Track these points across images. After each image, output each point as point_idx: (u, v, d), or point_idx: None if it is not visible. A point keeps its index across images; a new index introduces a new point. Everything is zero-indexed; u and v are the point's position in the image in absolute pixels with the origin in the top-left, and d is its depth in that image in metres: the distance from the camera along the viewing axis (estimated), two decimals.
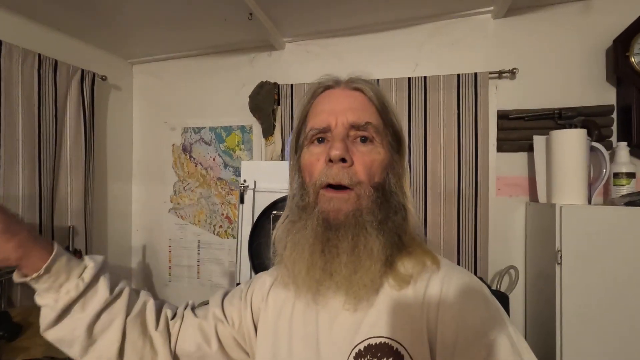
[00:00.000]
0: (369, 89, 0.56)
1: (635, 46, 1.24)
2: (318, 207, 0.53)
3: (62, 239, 1.51)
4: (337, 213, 0.52)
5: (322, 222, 0.52)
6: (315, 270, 0.52)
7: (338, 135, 0.53)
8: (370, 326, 0.50)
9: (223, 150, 1.84)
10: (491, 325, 0.46)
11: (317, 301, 0.55)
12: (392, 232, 0.53)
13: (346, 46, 1.64)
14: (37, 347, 1.08)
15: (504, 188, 1.46)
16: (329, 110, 0.55)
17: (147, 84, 1.99)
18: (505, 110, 1.43)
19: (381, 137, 0.55)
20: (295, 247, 0.54)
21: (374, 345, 0.49)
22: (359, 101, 0.55)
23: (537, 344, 1.29)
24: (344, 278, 0.51)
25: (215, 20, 1.50)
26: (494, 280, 1.43)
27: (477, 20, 1.48)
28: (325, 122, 0.54)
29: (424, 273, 0.52)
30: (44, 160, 1.46)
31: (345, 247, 0.51)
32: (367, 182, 0.52)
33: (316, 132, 0.55)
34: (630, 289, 1.03)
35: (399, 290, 0.51)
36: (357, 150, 0.53)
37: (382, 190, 0.54)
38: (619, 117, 1.33)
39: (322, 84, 0.59)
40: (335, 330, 0.53)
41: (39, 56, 1.43)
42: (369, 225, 0.51)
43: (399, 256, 0.54)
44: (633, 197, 1.11)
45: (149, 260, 1.96)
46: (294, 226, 0.56)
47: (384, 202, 0.53)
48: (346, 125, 0.53)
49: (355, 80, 0.57)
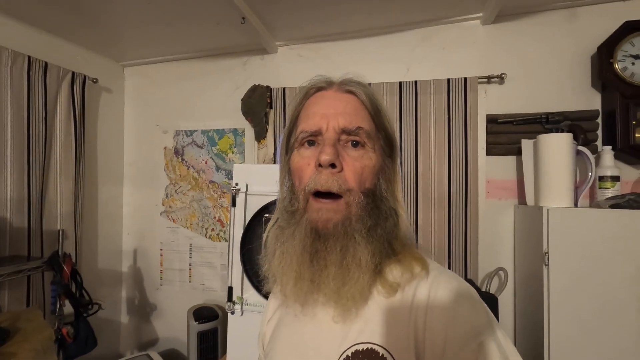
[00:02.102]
0: (362, 92, 0.55)
1: (618, 53, 1.27)
2: (307, 216, 0.52)
3: (51, 242, 1.49)
4: (326, 223, 0.51)
5: (310, 232, 0.51)
6: (303, 282, 0.52)
7: (329, 139, 0.51)
8: (357, 333, 0.50)
9: (215, 153, 1.84)
10: (479, 329, 0.46)
11: (305, 312, 0.55)
12: (382, 239, 0.52)
13: (338, 50, 1.66)
14: (25, 352, 1.06)
15: (494, 191, 1.48)
16: (320, 113, 0.53)
17: (138, 87, 1.98)
18: (494, 115, 1.46)
19: (373, 142, 0.53)
20: (284, 256, 0.53)
21: (360, 351, 0.49)
22: (352, 105, 0.54)
23: (526, 344, 1.31)
24: (332, 291, 0.50)
25: (208, 23, 1.50)
26: (483, 282, 1.45)
27: (466, 26, 1.51)
28: (316, 125, 0.53)
29: (412, 280, 0.51)
30: (34, 163, 1.44)
31: (334, 259, 0.50)
32: (357, 189, 0.51)
33: (307, 135, 0.54)
34: (616, 289, 1.05)
35: (387, 297, 0.51)
36: (348, 155, 0.52)
37: (373, 196, 0.53)
38: (603, 121, 1.36)
39: (315, 85, 0.57)
40: (323, 339, 0.53)
41: (29, 58, 1.42)
42: (358, 234, 0.50)
43: (388, 262, 0.53)
44: (617, 199, 1.14)
45: (140, 264, 1.95)
46: (283, 233, 0.55)
47: (374, 208, 0.52)
48: (337, 130, 0.52)
49: (348, 82, 0.56)
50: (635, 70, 1.26)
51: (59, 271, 1.27)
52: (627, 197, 1.12)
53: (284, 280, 0.54)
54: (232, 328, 1.22)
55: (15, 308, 1.34)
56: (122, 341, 1.95)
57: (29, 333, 1.13)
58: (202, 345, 1.55)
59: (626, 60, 1.27)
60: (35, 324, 1.19)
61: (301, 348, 0.54)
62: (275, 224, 0.58)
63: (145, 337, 1.93)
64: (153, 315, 1.92)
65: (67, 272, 1.27)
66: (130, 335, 1.94)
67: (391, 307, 0.50)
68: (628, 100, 1.27)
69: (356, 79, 0.57)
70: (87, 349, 1.32)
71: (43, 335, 1.14)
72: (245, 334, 1.19)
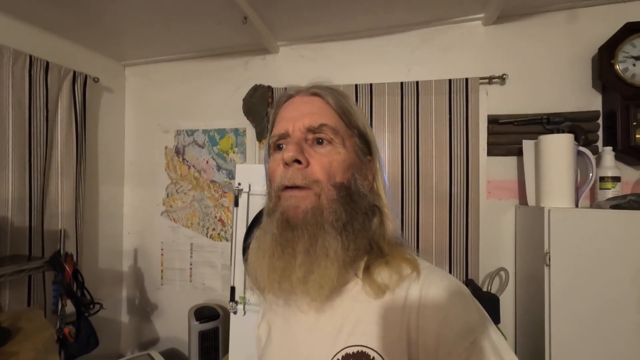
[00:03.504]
0: (327, 93, 0.57)
1: (619, 54, 1.28)
2: (279, 209, 0.53)
3: (52, 242, 1.49)
4: (296, 210, 0.51)
5: (281, 223, 0.52)
6: (275, 273, 0.52)
7: (294, 139, 0.54)
8: (348, 335, 0.50)
9: (216, 153, 1.84)
10: (471, 327, 0.46)
11: (287, 306, 0.56)
12: (362, 236, 0.52)
13: (339, 50, 1.66)
14: (27, 352, 1.06)
15: (494, 191, 1.49)
16: (287, 117, 0.56)
17: (139, 86, 1.98)
18: (495, 115, 1.46)
19: (342, 138, 0.54)
20: (257, 252, 0.55)
21: (351, 354, 0.49)
22: (316, 106, 0.56)
23: (527, 343, 1.31)
24: (299, 280, 0.51)
25: (210, 23, 1.50)
26: (484, 282, 1.45)
27: (468, 27, 1.52)
28: (283, 128, 0.55)
29: (402, 281, 0.51)
30: (35, 163, 1.44)
31: (301, 247, 0.50)
32: (326, 181, 0.52)
33: (277, 139, 0.56)
34: (617, 289, 1.06)
35: (377, 299, 0.51)
36: (315, 152, 0.53)
37: (347, 190, 0.53)
38: (604, 122, 1.37)
39: (285, 94, 0.60)
40: (312, 341, 0.53)
41: (30, 57, 1.42)
42: (329, 225, 0.50)
43: (377, 264, 0.53)
44: (618, 200, 1.15)
45: (140, 263, 1.95)
46: (260, 232, 0.56)
47: (350, 202, 0.53)
48: (302, 130, 0.54)
49: (314, 86, 0.58)
50: (636, 72, 1.27)
51: (61, 271, 1.27)
52: (628, 198, 1.13)
53: (258, 274, 0.54)
54: (234, 328, 1.22)
55: (16, 308, 1.34)
56: (123, 341, 1.95)
57: (31, 333, 1.12)
58: (203, 345, 1.55)
59: (627, 61, 1.28)
60: (37, 324, 1.18)
61: (293, 352, 0.55)
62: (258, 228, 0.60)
63: (145, 337, 1.92)
64: (153, 314, 1.92)
65: (68, 272, 1.27)
66: (131, 335, 1.94)
67: (382, 309, 0.50)
68: (628, 102, 1.27)
69: (323, 84, 0.59)
70: (89, 349, 1.32)
71: (44, 335, 1.14)
72: (248, 334, 1.19)
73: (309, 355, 0.52)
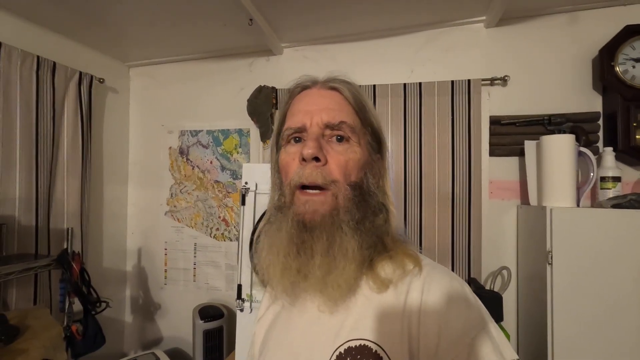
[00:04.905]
0: (346, 88, 0.56)
1: (619, 56, 1.30)
2: (293, 209, 0.52)
3: (58, 241, 1.50)
4: (313, 215, 0.51)
5: (297, 224, 0.51)
6: (290, 273, 0.52)
7: (312, 134, 0.52)
8: (350, 329, 0.50)
9: (220, 153, 1.86)
10: (472, 325, 0.46)
11: (294, 304, 0.56)
12: (371, 233, 0.52)
13: (343, 52, 1.68)
14: (35, 350, 1.07)
15: (497, 191, 1.50)
16: (304, 110, 0.55)
17: (144, 87, 2.00)
18: (497, 116, 1.48)
19: (358, 137, 0.54)
20: (270, 249, 0.54)
21: (354, 347, 0.48)
22: (335, 101, 0.55)
23: (529, 342, 1.32)
24: (318, 279, 0.50)
25: (214, 24, 1.52)
26: (487, 280, 1.47)
27: (470, 29, 1.54)
28: (300, 122, 0.54)
29: (405, 276, 0.51)
30: (41, 162, 1.45)
31: (320, 248, 0.50)
32: (343, 181, 0.52)
33: (292, 132, 0.55)
34: (619, 287, 1.07)
35: (379, 294, 0.51)
36: (332, 149, 0.53)
37: (360, 190, 0.53)
38: (605, 123, 1.39)
39: (300, 84, 0.59)
40: (314, 335, 0.53)
41: (38, 58, 1.43)
42: (345, 225, 0.50)
43: (380, 259, 0.53)
44: (619, 200, 1.16)
45: (144, 263, 1.96)
46: (271, 227, 0.55)
47: (362, 201, 0.53)
48: (321, 125, 0.53)
49: (332, 80, 0.57)
50: (635, 73, 1.29)
51: (68, 269, 1.28)
52: (628, 197, 1.14)
53: (270, 272, 0.54)
54: (240, 325, 1.23)
55: (23, 306, 1.35)
56: (126, 340, 1.96)
57: (38, 330, 1.13)
58: (207, 344, 1.56)
59: (627, 63, 1.30)
60: (44, 322, 1.19)
61: (294, 346, 0.54)
62: (265, 221, 0.59)
63: (149, 336, 1.93)
64: (157, 314, 1.93)
65: (76, 270, 1.28)
66: (135, 334, 1.95)
67: (385, 304, 0.50)
68: (629, 103, 1.29)
69: (341, 77, 0.58)
70: (96, 346, 1.33)
71: (52, 333, 1.15)
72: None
73: (311, 349, 0.52)
